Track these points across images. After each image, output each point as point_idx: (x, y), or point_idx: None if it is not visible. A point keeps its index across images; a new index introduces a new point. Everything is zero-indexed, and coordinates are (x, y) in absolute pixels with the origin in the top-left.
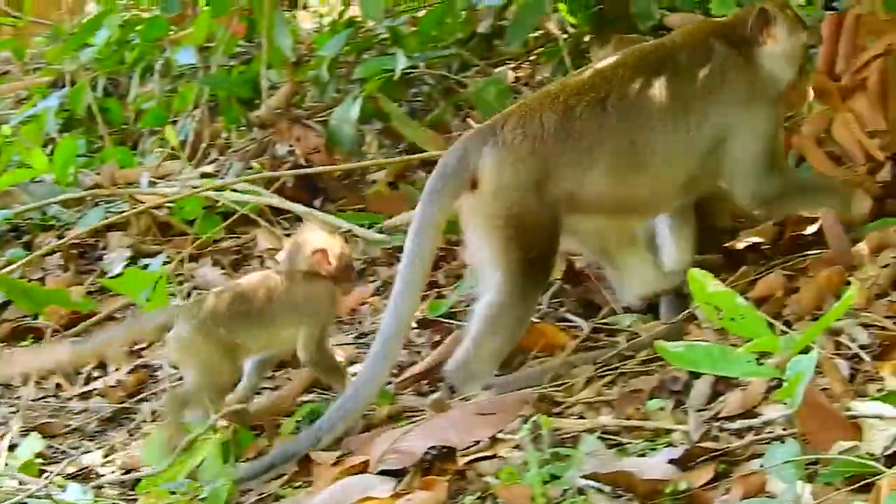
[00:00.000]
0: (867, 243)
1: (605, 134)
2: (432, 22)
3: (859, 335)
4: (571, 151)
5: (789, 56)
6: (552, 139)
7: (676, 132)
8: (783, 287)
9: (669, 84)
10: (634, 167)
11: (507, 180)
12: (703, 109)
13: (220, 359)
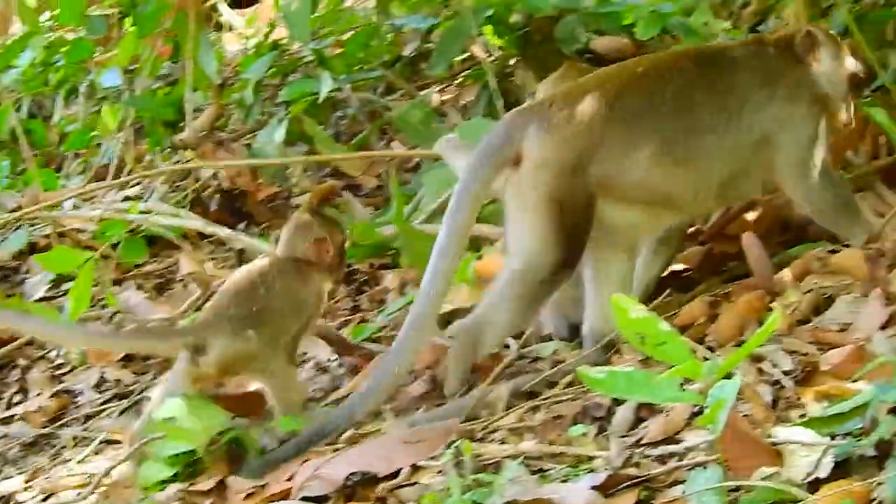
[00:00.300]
0: (790, 269)
1: (654, 122)
2: (358, 44)
3: (782, 361)
4: (617, 135)
5: (831, 81)
6: (600, 122)
7: (723, 129)
8: (706, 313)
9: (723, 82)
10: (677, 158)
11: (549, 156)
12: (752, 111)
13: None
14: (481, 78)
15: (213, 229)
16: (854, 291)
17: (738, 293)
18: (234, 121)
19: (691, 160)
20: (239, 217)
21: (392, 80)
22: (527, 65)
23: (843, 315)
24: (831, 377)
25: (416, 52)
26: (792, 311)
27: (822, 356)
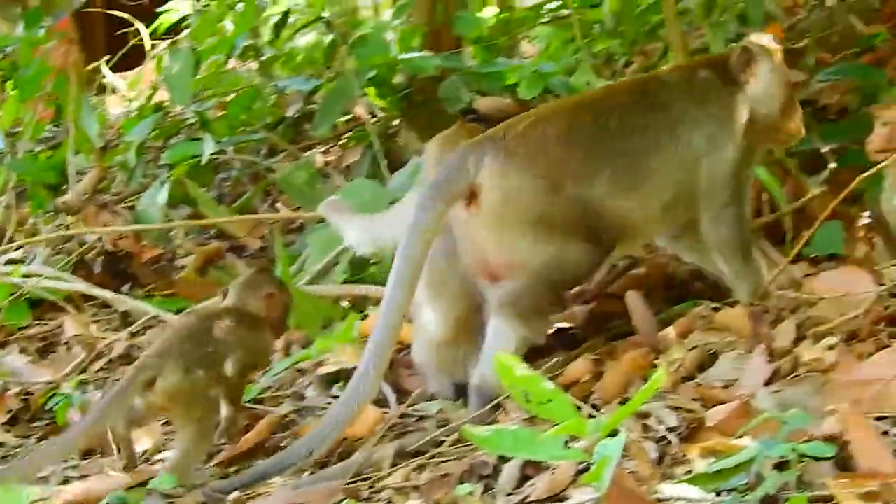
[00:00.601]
0: (674, 326)
1: (603, 149)
2: (241, 106)
3: (667, 418)
4: (574, 162)
5: (770, 95)
6: (556, 147)
7: (660, 153)
8: (591, 371)
9: (659, 108)
10: (628, 183)
11: (516, 185)
12: (683, 134)
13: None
14: (364, 139)
15: (97, 292)
16: (738, 348)
17: (622, 351)
18: (118, 183)
19: (638, 183)
20: (122, 279)
21: (275, 142)
22: (410, 125)
23: (727, 371)
24: (716, 433)
25: (300, 114)
26: (676, 368)
27: (707, 412)
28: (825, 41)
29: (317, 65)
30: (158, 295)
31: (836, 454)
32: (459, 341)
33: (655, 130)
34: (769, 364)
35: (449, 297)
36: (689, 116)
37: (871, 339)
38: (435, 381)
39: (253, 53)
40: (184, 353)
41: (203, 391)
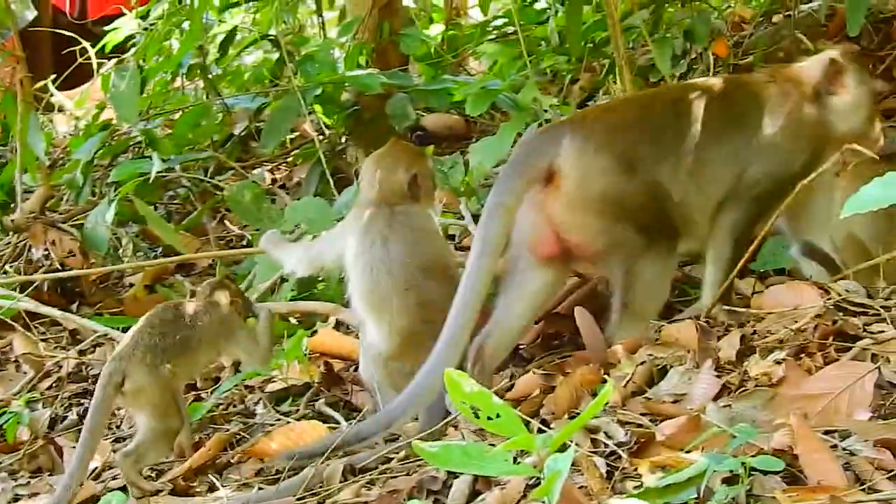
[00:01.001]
0: (623, 342)
1: (672, 138)
2: (188, 124)
3: (616, 433)
4: (646, 146)
5: (857, 106)
6: (631, 132)
7: (724, 150)
8: (541, 386)
9: (732, 108)
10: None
11: (592, 166)
12: (750, 137)
13: (171, 399)
14: (312, 157)
15: (46, 310)
16: (687, 363)
17: (572, 366)
18: (65, 202)
19: (699, 175)
20: (71, 297)
21: (222, 160)
22: (357, 143)
23: (676, 386)
24: (666, 448)
25: (246, 132)
26: (625, 383)
27: (656, 427)
28: (771, 56)
29: (263, 83)
30: (106, 313)
31: (785, 468)
32: (404, 356)
33: (724, 128)
34: (718, 378)
35: (392, 312)
36: (760, 121)
37: (819, 354)
38: (383, 396)
39: (199, 72)
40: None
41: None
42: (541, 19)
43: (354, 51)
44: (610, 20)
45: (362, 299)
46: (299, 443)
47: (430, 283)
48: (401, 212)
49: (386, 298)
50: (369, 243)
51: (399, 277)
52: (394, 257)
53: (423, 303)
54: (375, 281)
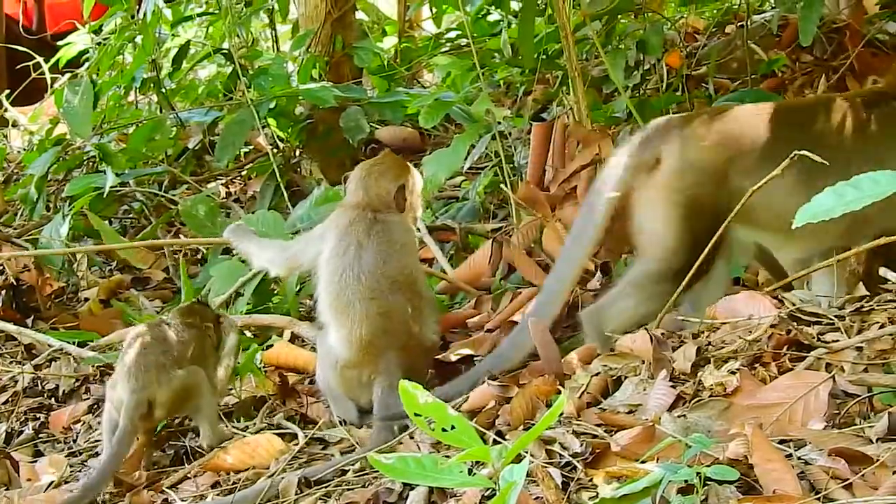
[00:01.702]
0: (577, 352)
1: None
2: (141, 139)
3: (571, 443)
4: (754, 155)
5: None
6: (740, 138)
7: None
8: (496, 397)
9: (843, 126)
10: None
11: (692, 159)
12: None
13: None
14: (267, 170)
15: (1, 325)
16: (641, 373)
17: (527, 377)
18: (20, 217)
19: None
20: (26, 312)
21: (177, 174)
22: (311, 156)
23: (631, 396)
24: (621, 458)
25: (201, 145)
26: (580, 394)
27: (611, 437)
28: (725, 67)
29: (217, 96)
30: (62, 327)
31: (741, 477)
32: (362, 364)
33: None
34: (673, 389)
35: (354, 319)
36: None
37: (773, 363)
38: (339, 405)
39: (153, 86)
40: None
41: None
42: (494, 31)
43: (308, 64)
44: (562, 32)
45: (327, 302)
46: (255, 456)
47: (396, 296)
48: (382, 220)
49: (350, 305)
50: (344, 247)
51: (366, 285)
52: (365, 265)
53: (385, 313)
54: (343, 286)
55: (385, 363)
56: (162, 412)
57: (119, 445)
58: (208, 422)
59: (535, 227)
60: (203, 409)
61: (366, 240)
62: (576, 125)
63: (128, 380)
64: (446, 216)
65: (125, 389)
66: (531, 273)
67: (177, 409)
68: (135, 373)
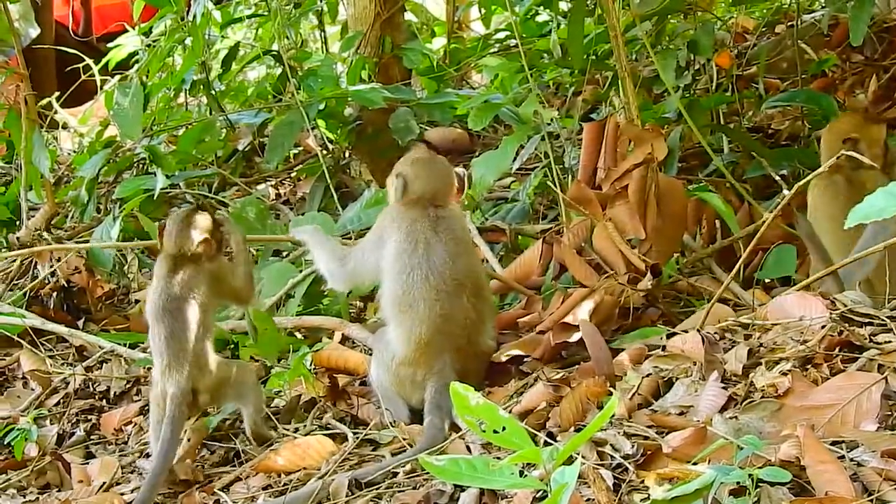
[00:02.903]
0: (628, 353)
1: None
2: (191, 141)
3: (623, 445)
4: None
5: None
6: None
7: None
8: (547, 399)
9: None
10: None
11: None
12: None
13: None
14: (316, 171)
15: (52, 327)
16: (692, 374)
17: (578, 379)
18: (70, 219)
19: None
20: (77, 314)
21: (226, 176)
22: (360, 157)
23: (682, 398)
24: (672, 460)
25: (250, 147)
26: (632, 396)
27: (662, 439)
28: (775, 67)
29: (267, 98)
30: (112, 329)
31: (792, 479)
32: (419, 363)
33: None
34: (724, 390)
35: (415, 318)
36: None
37: (825, 364)
38: (390, 403)
39: (203, 88)
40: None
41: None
42: (543, 32)
43: (357, 65)
44: (612, 32)
45: (391, 299)
46: (306, 457)
47: (460, 299)
48: (443, 216)
49: (414, 304)
50: (412, 245)
51: (432, 285)
52: (434, 264)
53: (447, 315)
54: (410, 284)
55: (440, 365)
56: (206, 398)
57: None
58: (253, 407)
59: (586, 227)
60: (247, 396)
61: (433, 237)
62: (628, 124)
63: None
64: (496, 217)
65: (169, 382)
66: (582, 273)
67: (221, 396)
68: (174, 364)
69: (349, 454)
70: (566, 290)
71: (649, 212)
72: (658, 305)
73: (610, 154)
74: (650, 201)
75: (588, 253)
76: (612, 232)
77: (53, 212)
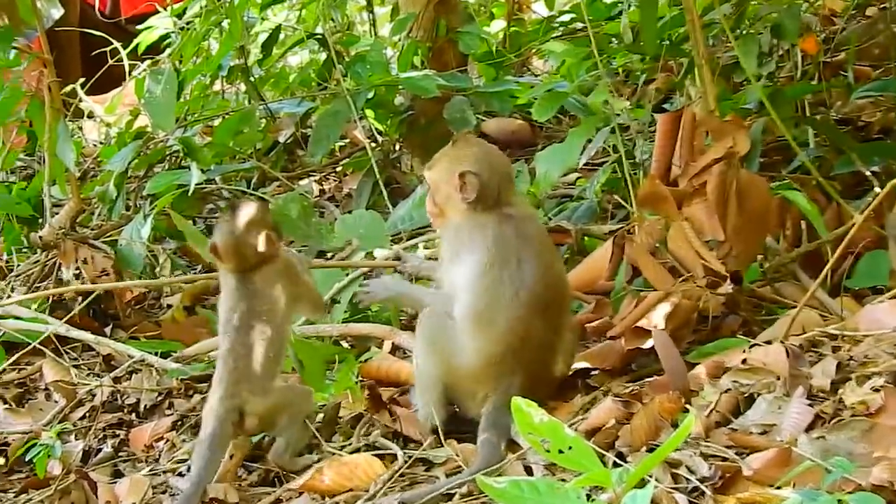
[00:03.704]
0: (705, 366)
1: None
2: (228, 132)
3: (699, 467)
4: None
5: None
6: None
7: None
8: (616, 416)
9: None
10: None
11: None
12: None
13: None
14: (364, 166)
15: (77, 334)
16: (776, 390)
17: (650, 394)
18: (97, 216)
19: None
20: (104, 320)
21: (266, 170)
22: (412, 150)
23: (764, 416)
24: (754, 483)
25: (293, 139)
26: (709, 413)
27: (742, 461)
28: (866, 53)
29: (310, 86)
30: (143, 336)
31: None
32: (484, 380)
33: None
34: (810, 407)
35: (491, 335)
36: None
37: None
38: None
39: (241, 74)
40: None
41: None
42: (612, 14)
43: (408, 50)
44: (689, 15)
45: (469, 313)
46: (353, 478)
47: (541, 321)
48: (521, 218)
49: (494, 322)
50: (503, 258)
51: (522, 302)
52: (526, 278)
53: (526, 337)
54: (496, 299)
55: (507, 385)
56: (253, 422)
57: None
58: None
59: (660, 227)
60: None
61: (524, 246)
62: (707, 115)
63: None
64: (560, 217)
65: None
66: (656, 276)
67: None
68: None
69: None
70: (639, 293)
71: (729, 211)
72: (739, 313)
73: (686, 148)
74: (730, 200)
75: (662, 255)
76: (689, 233)
77: (79, 209)
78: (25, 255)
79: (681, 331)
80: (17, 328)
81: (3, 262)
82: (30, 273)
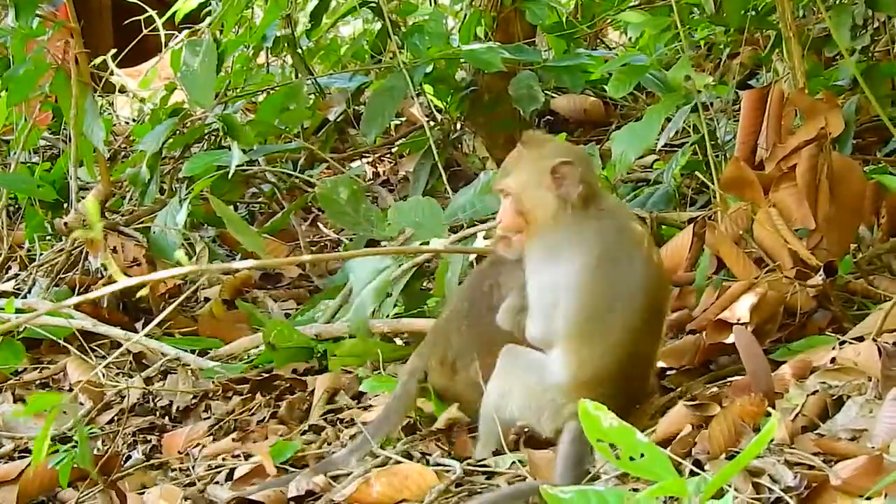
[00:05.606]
0: (791, 366)
1: None
2: (273, 109)
3: (783, 475)
4: None
5: None
6: None
7: None
8: (693, 420)
9: None
10: None
11: None
12: None
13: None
14: (421, 147)
15: (105, 329)
16: (868, 392)
17: (730, 396)
18: (128, 201)
19: None
20: (135, 315)
21: (314, 151)
22: (475, 130)
23: (855, 420)
24: (842, 493)
25: (344, 117)
26: (794, 417)
27: (830, 469)
28: None
29: (363, 58)
30: (178, 332)
31: None
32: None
33: None
34: None
35: (596, 349)
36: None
37: None
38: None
39: (287, 46)
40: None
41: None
42: None
43: (471, 20)
44: None
45: (570, 321)
46: (404, 489)
47: (647, 337)
48: (618, 214)
49: (603, 334)
50: (612, 261)
51: (628, 314)
52: (635, 285)
53: (632, 355)
54: (605, 308)
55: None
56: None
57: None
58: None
59: (746, 214)
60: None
61: (632, 248)
62: (797, 93)
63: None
64: (635, 203)
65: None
66: (741, 267)
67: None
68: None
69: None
70: (722, 283)
71: (821, 198)
72: (830, 307)
73: (774, 128)
74: (822, 185)
75: (747, 245)
76: (777, 220)
77: (108, 192)
78: (49, 244)
79: (766, 326)
80: (38, 323)
81: (25, 251)
82: (54, 262)
